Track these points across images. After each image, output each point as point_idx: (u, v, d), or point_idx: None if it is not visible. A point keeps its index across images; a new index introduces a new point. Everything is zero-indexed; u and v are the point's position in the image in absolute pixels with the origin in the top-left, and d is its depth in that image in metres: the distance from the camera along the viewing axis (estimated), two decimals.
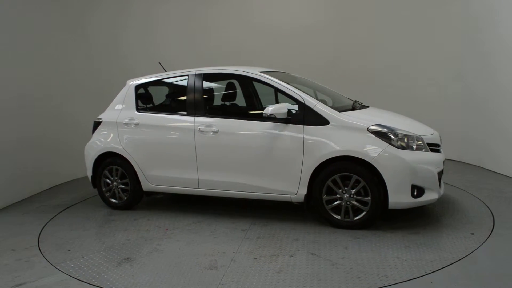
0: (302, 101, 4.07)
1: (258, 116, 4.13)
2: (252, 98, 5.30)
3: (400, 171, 3.70)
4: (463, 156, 6.77)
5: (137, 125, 4.84)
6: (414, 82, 7.19)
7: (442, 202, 4.58)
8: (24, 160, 5.83)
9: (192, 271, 3.28)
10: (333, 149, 3.85)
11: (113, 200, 5.07)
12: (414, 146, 3.83)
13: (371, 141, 3.78)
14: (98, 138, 5.10)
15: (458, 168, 6.35)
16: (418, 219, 4.11)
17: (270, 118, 4.07)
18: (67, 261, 3.65)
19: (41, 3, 6.30)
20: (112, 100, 5.22)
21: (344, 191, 3.87)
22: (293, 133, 4.03)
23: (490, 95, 5.99)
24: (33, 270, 3.48)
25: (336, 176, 3.88)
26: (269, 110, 4.02)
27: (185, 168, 4.55)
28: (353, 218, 3.89)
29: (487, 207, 4.43)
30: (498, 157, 5.90)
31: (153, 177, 4.78)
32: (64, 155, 6.58)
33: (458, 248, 3.41)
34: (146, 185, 4.84)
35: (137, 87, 5.07)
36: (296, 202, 4.15)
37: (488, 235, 3.68)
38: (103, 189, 5.10)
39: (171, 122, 4.69)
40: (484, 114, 6.17)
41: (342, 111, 4.12)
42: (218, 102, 4.91)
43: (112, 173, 5.01)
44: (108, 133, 5.02)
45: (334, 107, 4.17)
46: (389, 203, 3.74)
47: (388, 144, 3.74)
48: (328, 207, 3.96)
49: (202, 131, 4.43)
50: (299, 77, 5.16)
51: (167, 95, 5.26)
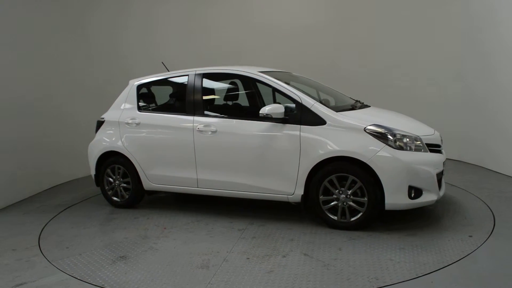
0: (299, 101, 4.04)
1: (256, 116, 4.11)
2: (251, 98, 5.29)
3: (397, 172, 3.64)
4: (464, 156, 6.72)
5: (138, 125, 4.88)
6: (414, 82, 7.13)
7: (442, 202, 4.52)
8: (24, 160, 5.83)
9: (184, 270, 3.30)
10: (329, 149, 3.82)
11: (115, 199, 5.14)
12: (412, 147, 3.77)
13: (368, 141, 3.73)
14: (101, 137, 5.16)
15: (459, 168, 6.29)
16: (417, 220, 4.06)
17: (267, 118, 4.06)
18: (64, 258, 3.70)
19: (41, 3, 6.29)
20: (114, 100, 5.27)
21: (341, 192, 3.84)
22: (290, 133, 4.01)
23: (490, 95, 5.94)
24: (34, 270, 3.49)
25: (333, 177, 3.84)
26: (266, 110, 4.00)
27: (184, 168, 4.57)
28: (350, 219, 3.86)
29: (488, 207, 4.39)
30: (499, 157, 5.86)
31: (154, 176, 4.81)
32: (64, 155, 6.59)
33: (455, 251, 3.35)
34: (147, 184, 4.88)
35: (139, 87, 5.12)
36: (293, 202, 4.13)
37: (489, 235, 3.63)
38: (106, 188, 5.16)
39: (171, 122, 4.70)
40: (484, 114, 6.13)
41: (341, 111, 4.08)
42: (217, 102, 4.91)
43: (115, 172, 5.08)
44: (111, 133, 5.08)
45: (333, 107, 4.13)
46: (386, 204, 3.69)
47: (385, 145, 3.69)
48: (325, 208, 3.93)
49: (201, 131, 4.44)
50: (302, 77, 5.14)
51: (168, 95, 5.28)
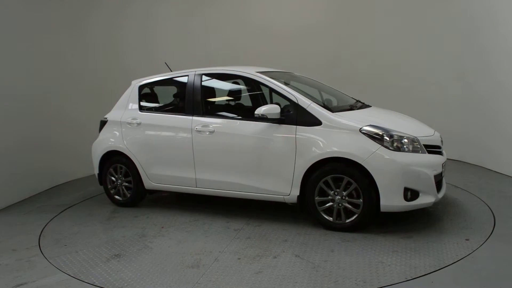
0: (296, 101, 4.02)
1: (253, 117, 4.11)
2: (250, 98, 5.28)
3: (392, 174, 3.58)
4: (464, 156, 6.64)
5: (139, 125, 4.93)
6: (414, 82, 7.04)
7: (442, 203, 4.47)
8: (25, 160, 5.85)
9: (174, 269, 3.32)
10: (325, 150, 3.78)
11: (118, 197, 5.21)
12: (410, 148, 3.70)
13: (363, 142, 3.68)
14: (104, 137, 5.23)
15: (459, 168, 6.21)
16: (415, 222, 3.98)
17: (263, 119, 4.05)
18: (61, 256, 3.76)
19: (41, 3, 6.29)
20: (114, 99, 5.34)
21: (336, 193, 3.81)
22: (286, 134, 3.99)
23: (491, 95, 5.86)
24: (34, 270, 3.51)
25: (328, 178, 3.80)
26: (261, 111, 3.99)
27: (184, 167, 4.60)
28: (345, 221, 3.82)
29: (488, 207, 4.32)
30: (499, 157, 5.78)
31: (154, 176, 4.85)
32: (64, 155, 6.61)
33: (449, 255, 3.26)
34: (148, 184, 4.93)
35: (141, 87, 5.17)
36: (290, 203, 4.11)
37: (489, 235, 3.58)
38: (109, 187, 5.23)
39: (170, 122, 4.73)
40: (485, 114, 6.05)
41: (339, 111, 4.05)
42: (216, 102, 4.92)
43: (117, 171, 5.14)
44: (113, 132, 5.15)
45: (330, 107, 4.10)
46: (381, 206, 3.64)
47: (380, 146, 3.63)
48: (321, 209, 3.90)
49: (199, 131, 4.46)
50: (303, 77, 5.12)
51: (169, 95, 5.32)
